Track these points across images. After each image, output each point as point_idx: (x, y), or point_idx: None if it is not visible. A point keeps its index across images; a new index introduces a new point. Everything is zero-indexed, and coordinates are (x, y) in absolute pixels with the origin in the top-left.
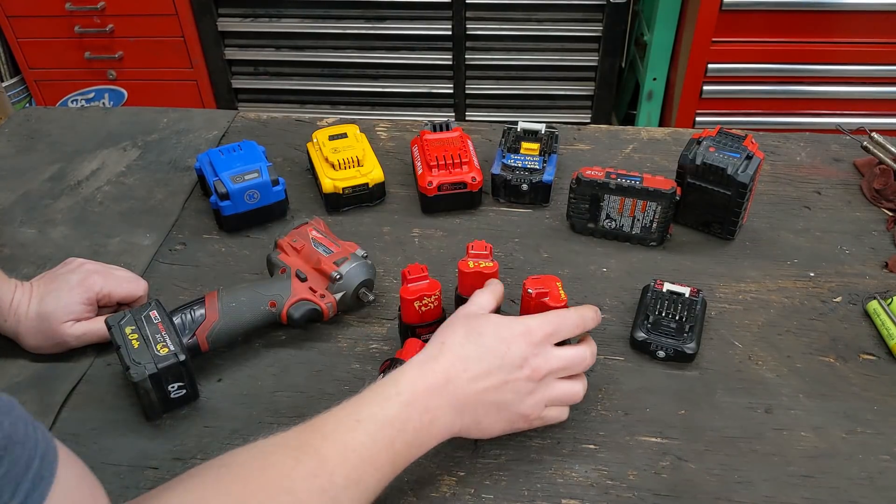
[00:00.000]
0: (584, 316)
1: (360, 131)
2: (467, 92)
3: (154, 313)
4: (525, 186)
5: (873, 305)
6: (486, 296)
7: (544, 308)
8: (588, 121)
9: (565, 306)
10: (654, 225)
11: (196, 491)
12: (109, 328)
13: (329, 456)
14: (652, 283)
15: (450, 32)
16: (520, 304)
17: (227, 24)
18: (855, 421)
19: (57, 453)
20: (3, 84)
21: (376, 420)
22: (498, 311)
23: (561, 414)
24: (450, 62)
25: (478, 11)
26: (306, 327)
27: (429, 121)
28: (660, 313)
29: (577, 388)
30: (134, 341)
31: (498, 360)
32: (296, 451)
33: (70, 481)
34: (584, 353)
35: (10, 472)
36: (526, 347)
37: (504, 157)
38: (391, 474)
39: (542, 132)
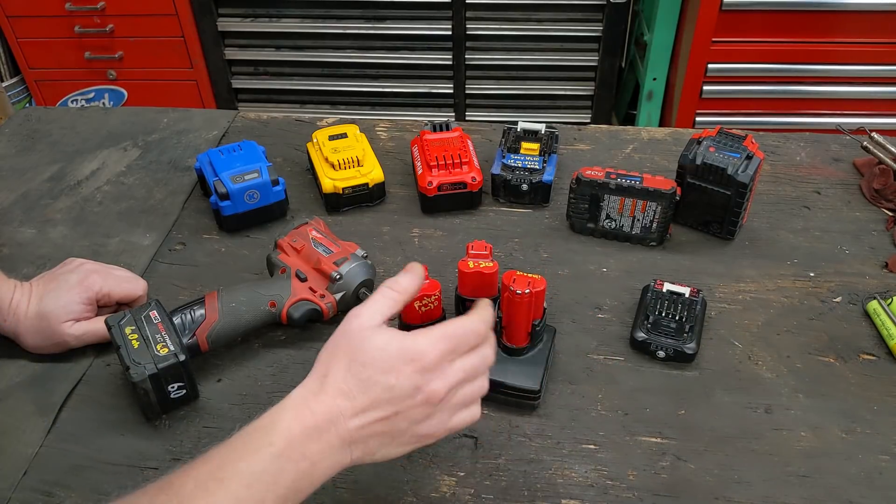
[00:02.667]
0: (485, 319)
1: (360, 131)
2: (467, 92)
3: (154, 313)
4: (525, 186)
5: (873, 305)
6: (384, 303)
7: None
8: (588, 121)
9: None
10: (654, 225)
11: None
12: (109, 328)
13: None
14: (652, 283)
15: (450, 32)
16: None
17: (227, 24)
18: (853, 420)
19: None
20: (3, 84)
21: (242, 477)
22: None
23: (472, 415)
24: (450, 62)
25: (478, 11)
26: (306, 327)
27: (429, 121)
28: (660, 313)
29: (481, 385)
30: (134, 341)
31: (386, 393)
32: None
33: None
34: (486, 354)
35: None
36: (417, 376)
37: (504, 157)
38: None
39: (542, 132)
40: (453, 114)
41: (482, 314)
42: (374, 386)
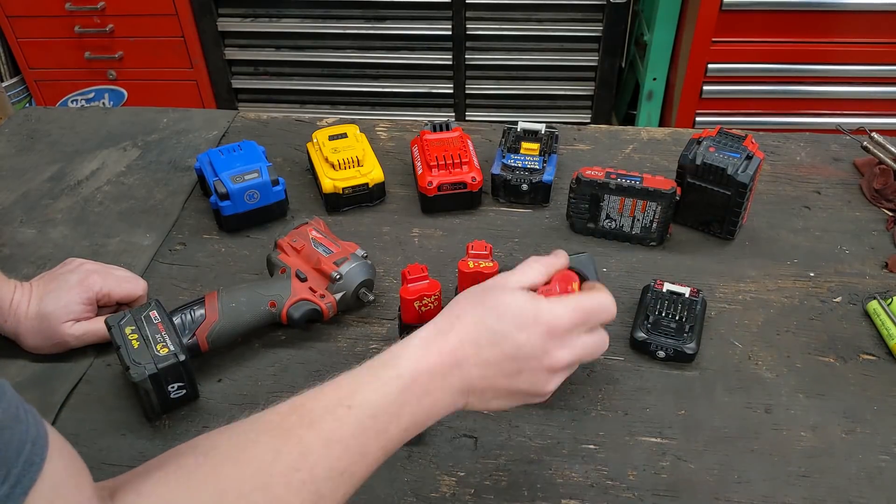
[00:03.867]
0: (613, 301)
1: (360, 131)
2: (467, 92)
3: (154, 313)
4: (525, 186)
5: (873, 305)
6: (531, 271)
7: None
8: (588, 121)
9: None
10: (654, 225)
11: (169, 483)
12: (109, 328)
13: (313, 447)
14: (652, 283)
15: (450, 32)
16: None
17: (227, 24)
18: (854, 420)
19: (48, 438)
20: (3, 84)
21: (370, 406)
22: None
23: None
24: (450, 62)
25: (478, 11)
26: (306, 327)
27: (429, 121)
28: (660, 313)
29: (600, 346)
30: (134, 341)
31: (514, 350)
32: (278, 441)
33: (58, 466)
34: (605, 338)
35: (2, 455)
36: (547, 339)
37: (504, 157)
38: (382, 458)
39: (542, 132)
40: (453, 114)
41: (609, 297)
42: (504, 340)
